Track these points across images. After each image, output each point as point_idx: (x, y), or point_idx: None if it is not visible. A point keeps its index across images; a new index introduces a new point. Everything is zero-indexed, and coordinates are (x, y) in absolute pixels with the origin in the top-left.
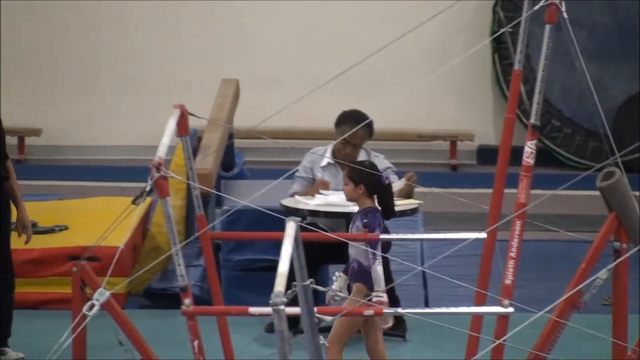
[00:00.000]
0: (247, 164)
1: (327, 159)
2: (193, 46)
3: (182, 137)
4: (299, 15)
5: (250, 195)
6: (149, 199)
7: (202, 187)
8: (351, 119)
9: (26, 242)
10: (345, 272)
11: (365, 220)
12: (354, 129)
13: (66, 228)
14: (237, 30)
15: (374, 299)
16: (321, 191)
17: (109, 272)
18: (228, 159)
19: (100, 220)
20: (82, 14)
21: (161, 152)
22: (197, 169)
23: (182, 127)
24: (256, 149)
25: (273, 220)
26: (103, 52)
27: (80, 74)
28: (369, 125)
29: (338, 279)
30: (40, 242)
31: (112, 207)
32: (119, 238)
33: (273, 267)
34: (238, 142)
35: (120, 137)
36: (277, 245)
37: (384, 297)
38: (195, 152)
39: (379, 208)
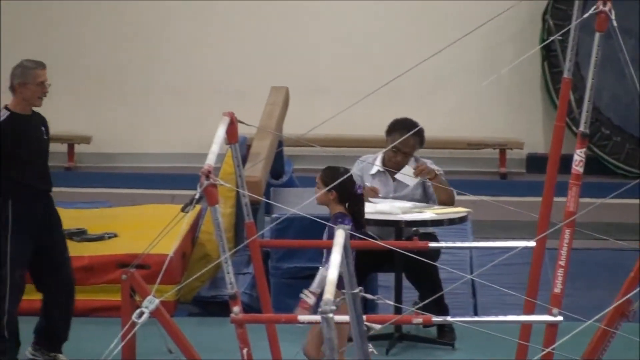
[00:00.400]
0: (296, 171)
1: (376, 166)
2: (243, 54)
3: (231, 144)
4: (349, 23)
5: (300, 202)
6: (198, 207)
7: (252, 194)
8: (402, 127)
9: None
10: None
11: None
12: (404, 137)
13: (115, 235)
14: (287, 38)
15: (301, 295)
16: (370, 199)
17: (158, 279)
18: (277, 167)
19: (150, 228)
20: (131, 22)
21: (210, 160)
22: (247, 176)
23: (231, 134)
24: (305, 156)
25: (322, 228)
26: (153, 60)
27: (131, 81)
28: (420, 134)
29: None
30: (89, 250)
31: (161, 214)
32: (169, 246)
33: None
34: (287, 150)
35: (169, 144)
36: (327, 253)
37: (311, 299)
38: (244, 159)
39: (348, 214)
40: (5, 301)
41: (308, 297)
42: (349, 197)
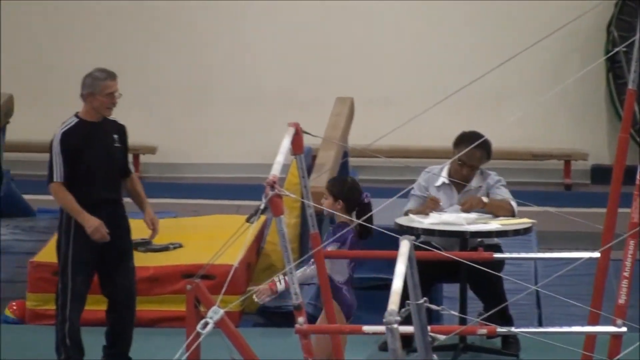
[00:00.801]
0: (361, 182)
1: (442, 178)
2: (308, 64)
3: (296, 155)
4: (414, 34)
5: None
6: (263, 217)
7: (317, 205)
8: (469, 140)
9: (151, 237)
10: None
11: (330, 235)
12: (467, 149)
13: (180, 246)
14: (353, 48)
15: (275, 277)
16: (435, 211)
17: (223, 290)
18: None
19: (215, 238)
20: (197, 33)
21: (275, 170)
22: (312, 187)
23: (296, 145)
24: (370, 167)
25: (387, 238)
26: (218, 70)
27: (195, 92)
28: (487, 148)
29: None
30: (154, 260)
31: (226, 225)
32: (233, 256)
33: (387, 285)
34: (352, 161)
35: (234, 155)
36: (391, 263)
37: (280, 286)
38: (309, 170)
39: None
40: (67, 308)
41: (279, 283)
42: (356, 205)
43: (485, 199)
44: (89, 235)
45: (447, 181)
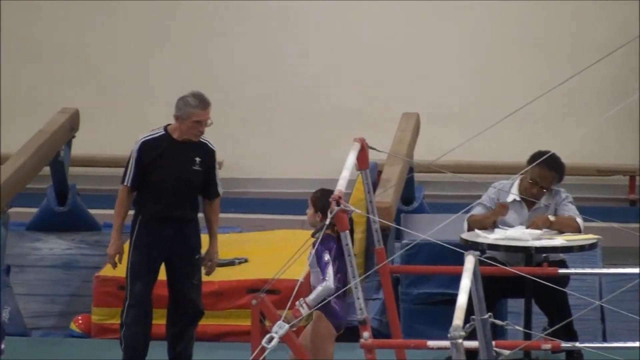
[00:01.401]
0: (426, 197)
1: (513, 195)
2: (374, 80)
3: (362, 170)
4: (480, 50)
5: (430, 229)
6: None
7: (382, 220)
8: (545, 162)
9: (206, 274)
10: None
11: (317, 248)
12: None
13: (246, 261)
14: (418, 65)
15: (297, 303)
16: (500, 226)
17: (289, 304)
18: (408, 193)
19: (280, 253)
20: (264, 50)
21: (341, 186)
22: (377, 202)
23: (362, 160)
24: (436, 182)
25: (452, 253)
26: (283, 86)
27: (261, 107)
28: (561, 171)
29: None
30: (220, 275)
31: (291, 240)
32: (299, 271)
33: (452, 300)
34: (418, 176)
35: (300, 170)
36: (456, 278)
37: (304, 310)
38: (375, 185)
39: (334, 236)
40: (124, 313)
41: (302, 308)
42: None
43: (552, 218)
44: (149, 243)
45: (518, 198)
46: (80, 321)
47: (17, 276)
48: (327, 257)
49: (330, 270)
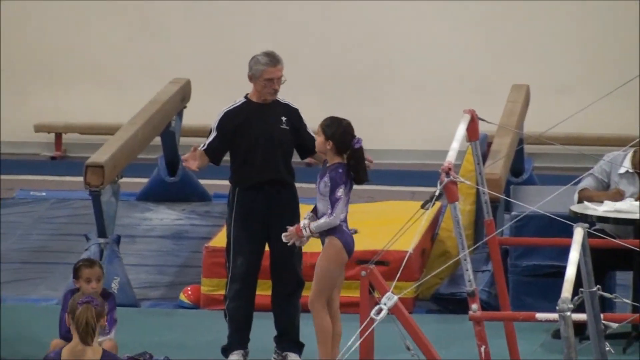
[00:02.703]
0: (536, 169)
1: (625, 167)
2: (483, 50)
3: (471, 142)
4: (589, 23)
5: (539, 201)
6: (438, 204)
7: (491, 192)
8: None
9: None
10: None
11: (332, 175)
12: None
13: (355, 232)
14: (527, 34)
15: (302, 224)
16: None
17: (397, 276)
18: (517, 165)
19: (390, 225)
20: (372, 18)
21: (451, 157)
22: (487, 174)
23: (472, 132)
24: (545, 154)
25: (561, 226)
26: (393, 55)
27: (371, 77)
28: None
29: (306, 223)
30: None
31: (401, 211)
32: (408, 242)
33: (560, 273)
34: (527, 148)
35: (409, 141)
36: (565, 251)
37: (306, 232)
38: (484, 157)
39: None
40: (227, 288)
41: (305, 230)
42: (346, 149)
43: None
44: (248, 216)
45: (631, 170)
46: (189, 292)
47: (127, 246)
48: (340, 192)
49: (339, 207)
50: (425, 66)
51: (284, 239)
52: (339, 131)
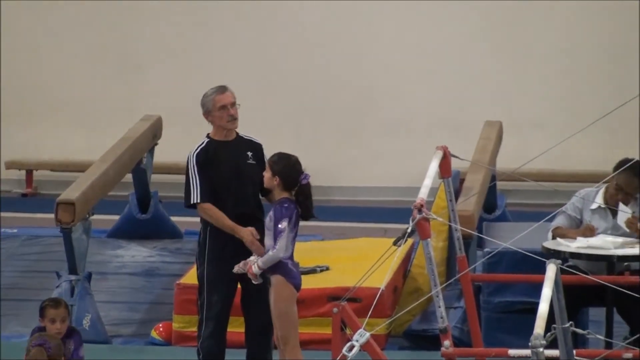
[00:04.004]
0: (509, 206)
1: (596, 203)
2: (455, 89)
3: (444, 178)
4: (562, 59)
5: (512, 237)
6: (410, 240)
7: (464, 228)
8: (630, 168)
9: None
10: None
11: (275, 209)
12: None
13: (327, 269)
14: (500, 74)
15: (251, 261)
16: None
17: (369, 313)
18: (490, 201)
19: (362, 261)
20: (349, 55)
21: (423, 194)
22: (459, 210)
23: (444, 168)
24: (518, 191)
25: (534, 262)
26: (367, 93)
27: (345, 114)
28: None
29: (254, 260)
30: (302, 283)
31: (373, 248)
32: (380, 279)
33: (533, 309)
34: (500, 184)
35: (382, 178)
36: (538, 287)
37: (255, 270)
38: (457, 193)
39: (294, 200)
40: (202, 326)
41: (254, 267)
42: (293, 185)
43: None
44: (221, 255)
45: (602, 205)
46: (161, 329)
47: (98, 283)
48: (284, 224)
49: (282, 241)
50: (398, 104)
51: (235, 271)
52: (287, 167)
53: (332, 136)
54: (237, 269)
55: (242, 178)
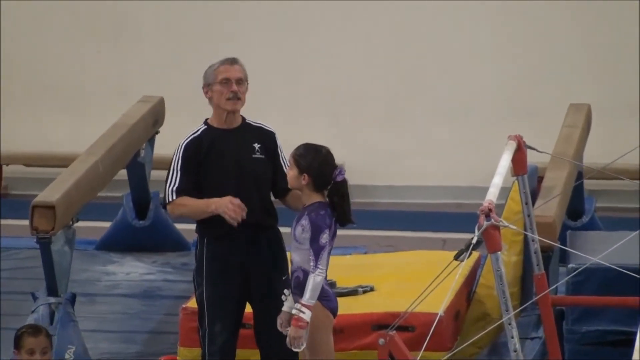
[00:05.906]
0: (599, 210)
1: None
2: (532, 64)
3: (518, 176)
4: None
5: (604, 249)
6: (476, 254)
7: (543, 239)
8: None
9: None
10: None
11: (312, 217)
12: None
13: (371, 289)
14: (587, 45)
15: (293, 311)
16: None
17: (425, 344)
18: (576, 204)
19: (414, 280)
20: (391, 29)
21: (492, 195)
22: (537, 216)
23: (518, 163)
24: (611, 191)
25: (631, 281)
26: (418, 75)
27: (391, 100)
28: None
29: (288, 298)
30: (340, 308)
31: (429, 263)
32: (438, 303)
33: (630, 340)
34: (588, 183)
35: (439, 176)
36: (636, 313)
37: (306, 315)
38: (534, 195)
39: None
40: (205, 358)
41: (302, 313)
42: (325, 183)
43: None
44: (222, 271)
45: None
46: None
47: (84, 307)
48: (324, 238)
49: (325, 258)
50: (458, 85)
51: (293, 348)
52: (317, 162)
53: (376, 125)
54: (281, 328)
55: (244, 178)
